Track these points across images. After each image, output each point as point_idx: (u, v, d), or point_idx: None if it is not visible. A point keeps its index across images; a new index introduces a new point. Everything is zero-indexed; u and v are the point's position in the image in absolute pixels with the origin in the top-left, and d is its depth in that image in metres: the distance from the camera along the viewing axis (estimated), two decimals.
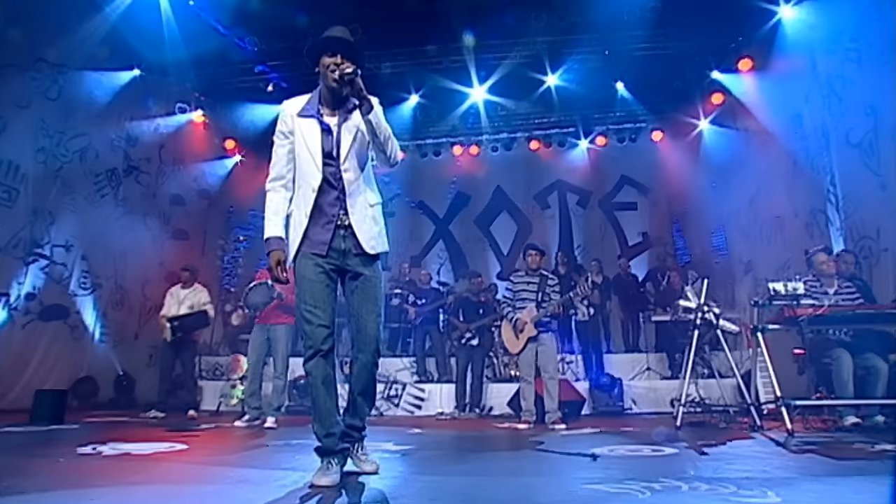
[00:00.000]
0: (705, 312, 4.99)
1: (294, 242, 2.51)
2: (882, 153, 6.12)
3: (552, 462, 2.96)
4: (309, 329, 2.46)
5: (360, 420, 2.63)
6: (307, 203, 2.50)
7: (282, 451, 3.64)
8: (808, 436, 4.06)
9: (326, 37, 2.57)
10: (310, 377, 2.50)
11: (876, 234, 6.23)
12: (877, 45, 6.14)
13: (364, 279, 2.55)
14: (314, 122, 2.55)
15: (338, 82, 2.47)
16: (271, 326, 5.92)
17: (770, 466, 2.68)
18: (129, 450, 3.32)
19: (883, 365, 4.67)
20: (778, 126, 8.02)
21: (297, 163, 2.58)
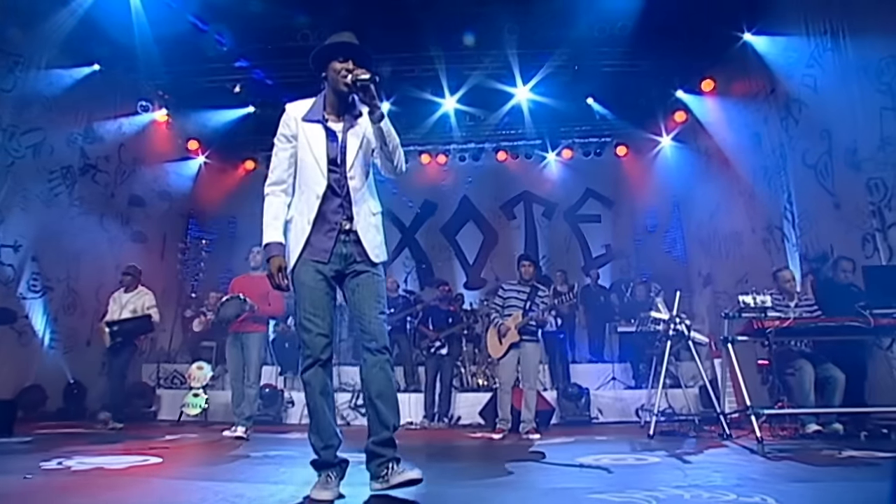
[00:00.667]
0: (677, 324, 5.13)
1: (295, 249, 2.44)
2: (835, 174, 6.47)
3: (549, 473, 2.96)
4: (308, 337, 2.39)
5: (389, 430, 2.36)
6: (311, 209, 2.44)
7: (264, 464, 3.52)
8: (776, 443, 4.21)
9: (338, 42, 2.51)
10: (307, 387, 2.42)
11: (830, 250, 6.56)
12: (831, 72, 6.50)
13: (366, 276, 2.48)
14: (319, 127, 2.50)
15: (349, 87, 2.43)
16: (244, 334, 5.77)
17: (756, 473, 2.77)
18: (100, 464, 3.14)
19: (840, 375, 4.92)
20: (737, 145, 8.38)
21: (299, 168, 2.51)
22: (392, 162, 2.54)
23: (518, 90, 9.71)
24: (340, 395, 7.75)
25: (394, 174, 2.59)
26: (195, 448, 4.49)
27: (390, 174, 2.60)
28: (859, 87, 6.06)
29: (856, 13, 6.12)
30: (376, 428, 2.37)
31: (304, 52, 8.88)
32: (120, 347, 6.32)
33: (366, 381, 2.43)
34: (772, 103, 7.57)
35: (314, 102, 2.56)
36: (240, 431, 5.42)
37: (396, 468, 2.29)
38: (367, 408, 2.41)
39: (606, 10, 8.04)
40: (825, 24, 6.51)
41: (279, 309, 6.11)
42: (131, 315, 6.46)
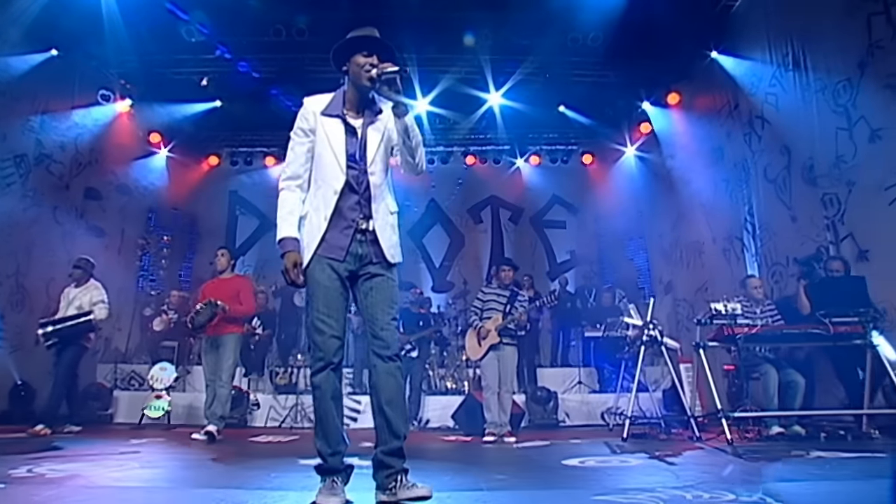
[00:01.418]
0: (651, 329, 5.28)
1: (310, 245, 2.36)
2: (794, 189, 6.81)
3: (544, 475, 3.00)
4: (320, 340, 2.31)
5: (399, 440, 2.29)
6: (327, 205, 2.37)
7: (250, 469, 3.42)
8: (744, 445, 4.38)
9: (361, 35, 2.45)
10: (317, 391, 2.33)
11: (786, 261, 6.90)
12: (792, 92, 6.84)
13: (381, 279, 2.43)
14: (339, 122, 2.44)
15: (373, 81, 2.38)
16: (219, 336, 5.66)
17: (741, 473, 2.88)
18: (75, 470, 2.98)
19: (801, 379, 5.17)
20: (700, 157, 8.70)
21: (316, 163, 2.44)
22: (414, 159, 2.51)
23: (490, 95, 9.79)
24: (307, 397, 7.62)
25: (414, 172, 2.55)
26: (169, 452, 4.32)
27: (410, 172, 2.56)
28: (817, 108, 6.40)
29: (814, 39, 6.46)
30: (386, 437, 2.30)
31: (277, 48, 8.83)
32: (62, 350, 5.87)
33: (376, 388, 2.35)
34: (735, 119, 7.90)
35: (333, 97, 2.51)
36: (210, 429, 5.26)
37: (405, 481, 2.23)
38: (376, 416, 2.35)
39: (580, 20, 8.23)
40: (787, 46, 6.85)
41: (251, 307, 6.05)
42: (76, 312, 6.02)
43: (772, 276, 7.09)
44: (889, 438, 4.53)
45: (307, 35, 8.57)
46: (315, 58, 9.04)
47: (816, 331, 4.78)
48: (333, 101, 2.50)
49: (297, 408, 7.38)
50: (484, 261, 11.62)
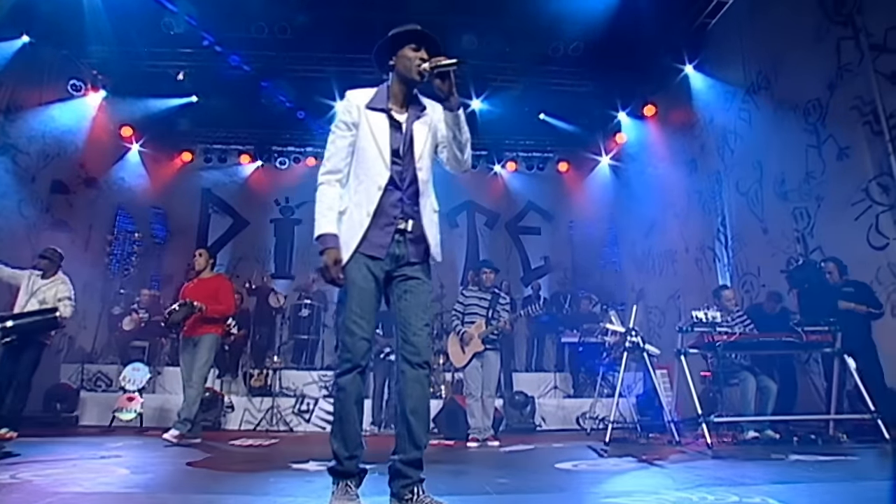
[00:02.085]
0: (633, 336, 5.40)
1: (350, 243, 2.27)
2: (765, 202, 7.08)
3: (544, 479, 3.03)
4: (351, 341, 2.25)
5: (419, 451, 2.25)
6: (370, 201, 2.29)
7: (246, 474, 3.35)
8: (723, 449, 4.51)
9: (411, 29, 2.40)
10: (341, 393, 2.27)
11: (757, 271, 7.16)
12: (764, 109, 7.13)
13: (417, 283, 2.37)
14: (384, 116, 2.37)
15: (422, 75, 2.32)
16: (196, 337, 5.51)
17: (733, 475, 2.98)
18: (57, 476, 2.88)
19: (773, 385, 5.38)
20: (675, 168, 8.96)
21: (358, 157, 2.36)
22: (463, 154, 2.45)
23: (472, 101, 9.86)
24: (283, 399, 7.52)
25: (461, 168, 2.48)
26: (152, 455, 4.19)
27: (457, 168, 2.48)
28: (788, 125, 6.68)
29: (787, 60, 6.73)
30: (406, 446, 2.26)
31: (259, 45, 8.69)
32: (22, 348, 5.38)
33: (402, 394, 2.30)
34: (709, 132, 8.17)
35: (377, 91, 2.43)
36: (170, 434, 5.03)
37: (422, 494, 2.21)
38: (399, 423, 2.30)
39: (562, 30, 8.39)
40: (760, 65, 7.13)
41: (230, 307, 5.84)
42: (39, 306, 5.60)
43: (742, 286, 7.34)
44: (855, 442, 4.75)
45: (289, 33, 8.48)
46: (298, 56, 8.98)
47: (790, 339, 4.98)
48: (377, 95, 2.42)
49: (273, 411, 7.27)
50: (459, 265, 11.67)
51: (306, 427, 7.37)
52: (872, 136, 5.66)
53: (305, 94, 9.71)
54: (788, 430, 5.16)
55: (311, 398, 7.64)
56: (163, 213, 10.34)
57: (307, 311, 8.71)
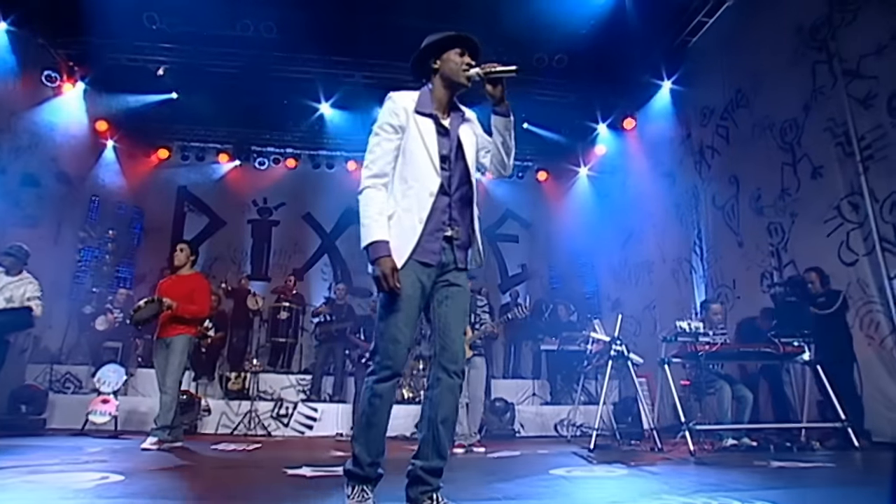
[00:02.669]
0: (618, 345, 5.51)
1: (402, 249, 2.22)
2: (741, 217, 7.32)
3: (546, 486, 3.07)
4: (394, 349, 2.21)
5: (442, 460, 2.25)
6: (422, 207, 2.25)
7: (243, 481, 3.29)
8: (704, 456, 4.63)
9: (457, 34, 2.40)
10: (376, 399, 2.22)
11: (732, 283, 7.39)
12: (741, 126, 7.37)
13: (458, 290, 2.35)
14: (431, 121, 2.34)
15: (470, 80, 2.34)
16: (169, 338, 5.29)
17: (725, 480, 3.07)
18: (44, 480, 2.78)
19: (749, 394, 5.55)
20: (653, 181, 9.18)
21: (406, 161, 2.30)
22: (509, 158, 2.45)
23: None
24: (260, 403, 7.40)
25: (506, 173, 2.49)
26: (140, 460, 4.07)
27: (502, 172, 2.49)
28: (765, 143, 6.93)
29: (764, 80, 7.00)
30: (430, 454, 2.24)
31: (242, 43, 8.58)
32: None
33: (434, 402, 2.27)
34: (687, 147, 8.40)
35: (420, 95, 2.39)
36: (149, 442, 4.90)
37: (441, 501, 2.22)
38: (426, 429, 2.27)
39: (547, 42, 8.53)
40: (739, 84, 7.38)
41: (204, 309, 5.59)
42: (6, 304, 5.40)
43: (717, 298, 7.54)
44: (827, 449, 4.94)
45: (276, 32, 8.41)
46: (282, 57, 8.89)
47: (767, 350, 5.16)
48: (422, 98, 2.38)
49: (251, 415, 7.15)
50: None
51: (284, 431, 7.26)
52: (844, 157, 5.92)
53: (288, 94, 9.64)
54: (765, 437, 5.32)
55: (289, 402, 7.53)
56: (137, 210, 10.07)
57: (286, 314, 8.60)
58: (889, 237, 5.46)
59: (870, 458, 4.43)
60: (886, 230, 5.48)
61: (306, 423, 7.40)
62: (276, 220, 11.02)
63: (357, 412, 2.09)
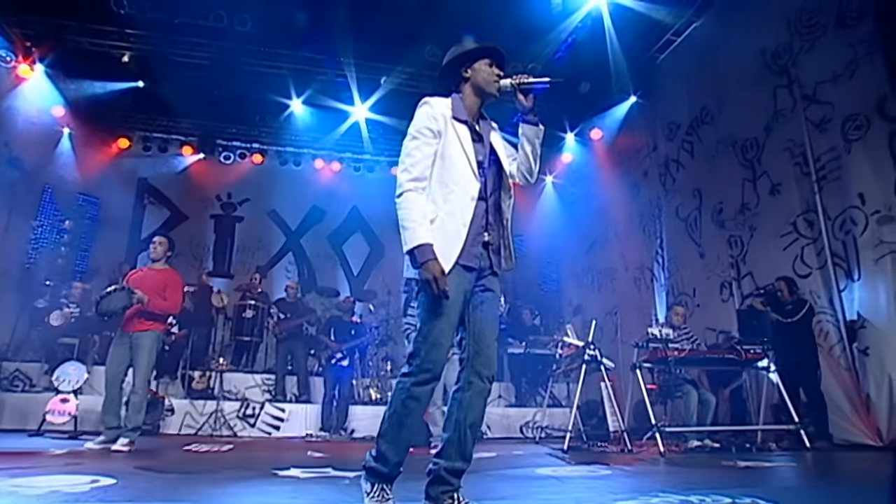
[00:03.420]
0: (591, 350, 5.69)
1: (448, 253, 2.22)
2: (703, 229, 7.67)
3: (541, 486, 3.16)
4: (436, 354, 2.20)
5: (466, 462, 2.27)
6: (464, 212, 2.28)
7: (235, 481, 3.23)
8: (673, 457, 4.85)
9: (487, 46, 2.47)
10: (413, 402, 2.22)
11: (693, 292, 7.73)
12: (706, 142, 7.73)
13: (492, 295, 2.38)
14: (466, 127, 2.39)
15: (500, 90, 2.41)
16: (135, 334, 5.08)
17: (708, 479, 3.25)
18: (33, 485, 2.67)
19: (712, 398, 5.83)
20: (618, 191, 9.49)
21: (445, 166, 2.32)
22: (536, 166, 2.50)
23: None
24: (226, 403, 7.24)
25: (531, 180, 2.52)
26: (124, 464, 3.94)
27: (526, 180, 2.53)
28: (728, 159, 7.30)
29: (729, 99, 7.37)
30: (454, 455, 2.26)
31: (214, 34, 8.37)
32: None
33: (465, 405, 2.29)
34: (653, 160, 8.74)
35: (453, 102, 2.43)
36: (120, 444, 4.77)
37: (462, 500, 2.25)
38: (453, 430, 2.27)
39: (524, 49, 8.68)
40: (705, 101, 7.73)
41: (176, 305, 5.41)
42: None
43: (674, 303, 7.87)
44: (782, 451, 5.26)
45: (250, 26, 8.24)
46: (255, 51, 8.74)
47: (731, 356, 5.46)
48: (455, 105, 2.41)
49: (217, 415, 6.98)
50: (403, 273, 11.67)
51: (251, 432, 7.13)
52: (801, 176, 6.32)
53: (259, 89, 9.46)
54: (726, 439, 5.61)
55: (255, 402, 7.40)
56: (93, 201, 9.65)
57: (252, 313, 8.42)
58: (840, 253, 5.87)
59: (824, 458, 4.74)
60: (837, 246, 5.89)
61: (273, 424, 7.28)
62: (240, 216, 10.78)
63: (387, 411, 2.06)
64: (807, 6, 6.32)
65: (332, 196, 11.56)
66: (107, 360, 5.16)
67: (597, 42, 8.28)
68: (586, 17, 7.98)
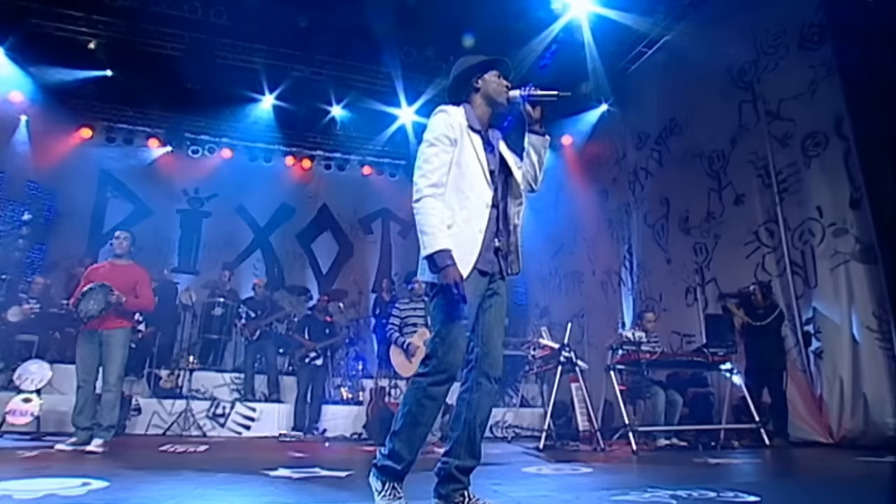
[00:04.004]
0: (567, 352, 5.86)
1: (466, 259, 2.30)
2: (670, 235, 7.96)
3: (535, 483, 3.26)
4: (453, 356, 2.27)
5: (475, 460, 2.37)
6: (480, 218, 2.37)
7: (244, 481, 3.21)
8: (645, 455, 5.05)
9: (497, 58, 2.55)
10: (430, 401, 2.28)
11: (659, 297, 8.01)
12: (674, 152, 8.03)
13: (500, 298, 2.48)
14: (479, 136, 2.47)
15: (509, 101, 2.50)
16: (105, 332, 4.94)
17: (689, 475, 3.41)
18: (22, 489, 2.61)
19: (679, 398, 6.08)
20: (587, 196, 9.74)
21: (462, 173, 2.39)
22: (541, 174, 2.60)
23: (402, 111, 10.01)
24: (196, 403, 7.09)
25: (536, 188, 2.61)
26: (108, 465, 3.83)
27: (530, 188, 2.62)
28: (694, 169, 7.60)
29: (697, 112, 7.67)
30: (464, 454, 2.35)
31: (188, 25, 8.18)
32: None
33: (473, 406, 2.38)
34: (622, 167, 9.01)
35: (465, 111, 2.50)
36: (95, 444, 4.66)
37: (470, 498, 2.34)
38: (462, 429, 2.37)
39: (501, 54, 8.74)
40: (674, 113, 8.04)
41: (151, 301, 5.33)
42: None
43: (646, 309, 8.13)
44: (745, 448, 5.54)
45: (225, 18, 8.11)
46: (228, 44, 8.58)
47: (699, 359, 5.72)
48: (468, 114, 2.49)
49: (186, 414, 6.84)
50: (371, 272, 11.68)
51: (220, 432, 7.01)
52: (764, 188, 6.65)
53: (231, 83, 9.28)
54: (694, 438, 5.86)
55: (225, 402, 7.28)
56: (50, 192, 9.26)
57: (220, 310, 8.26)
58: (798, 261, 6.21)
59: (784, 454, 5.03)
60: (796, 255, 6.23)
61: (244, 424, 7.18)
62: (208, 212, 10.55)
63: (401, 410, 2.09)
64: (772, 28, 6.66)
65: (301, 193, 11.45)
66: (76, 359, 4.99)
67: (572, 50, 8.49)
68: (567, 25, 8.15)
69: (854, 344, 5.53)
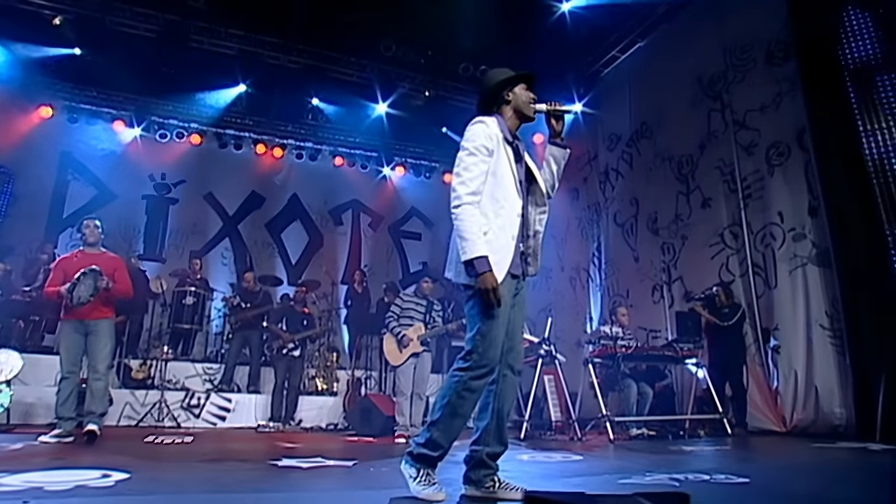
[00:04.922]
0: (547, 345, 6.09)
1: (501, 264, 2.45)
2: (639, 235, 8.31)
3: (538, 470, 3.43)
4: (493, 352, 2.43)
5: (504, 447, 2.56)
6: (513, 225, 2.53)
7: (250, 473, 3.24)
8: (620, 444, 5.33)
9: (526, 73, 2.70)
10: (470, 393, 2.43)
11: (627, 293, 8.37)
12: (644, 154, 8.37)
13: (522, 297, 2.66)
14: (511, 149, 2.60)
15: (536, 114, 2.66)
16: (92, 322, 4.91)
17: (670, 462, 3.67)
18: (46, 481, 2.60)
19: (649, 390, 6.41)
20: (557, 194, 9.93)
21: (496, 183, 2.52)
22: (558, 183, 2.81)
23: (377, 104, 10.01)
24: (170, 393, 6.97)
25: (552, 195, 2.78)
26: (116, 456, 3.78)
27: (547, 195, 2.78)
28: (663, 172, 7.96)
29: (667, 117, 8.04)
30: (492, 441, 2.52)
31: (163, 5, 7.94)
32: None
33: (500, 396, 2.56)
34: (593, 167, 9.32)
35: (498, 123, 2.62)
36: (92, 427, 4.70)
37: (502, 482, 2.51)
38: (490, 419, 2.54)
39: (477, 52, 8.95)
40: (645, 117, 8.37)
41: (130, 289, 5.34)
42: None
43: (614, 305, 8.50)
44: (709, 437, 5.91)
45: (202, 2, 7.91)
46: (204, 28, 8.39)
47: (669, 353, 6.06)
48: (501, 126, 2.61)
49: (161, 405, 6.72)
50: (341, 263, 11.65)
51: (195, 423, 6.92)
52: (729, 193, 7.05)
53: (203, 68, 9.06)
54: (665, 428, 6.21)
55: (200, 392, 7.19)
56: (6, 172, 8.81)
57: (192, 300, 8.12)
58: (759, 263, 6.64)
59: (747, 442, 5.42)
60: (757, 257, 6.66)
61: (219, 415, 7.11)
62: (175, 198, 10.26)
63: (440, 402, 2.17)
64: (741, 41, 7.04)
65: (272, 182, 11.28)
66: (61, 350, 4.94)
67: (546, 48, 8.66)
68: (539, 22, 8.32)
69: (808, 341, 5.98)
